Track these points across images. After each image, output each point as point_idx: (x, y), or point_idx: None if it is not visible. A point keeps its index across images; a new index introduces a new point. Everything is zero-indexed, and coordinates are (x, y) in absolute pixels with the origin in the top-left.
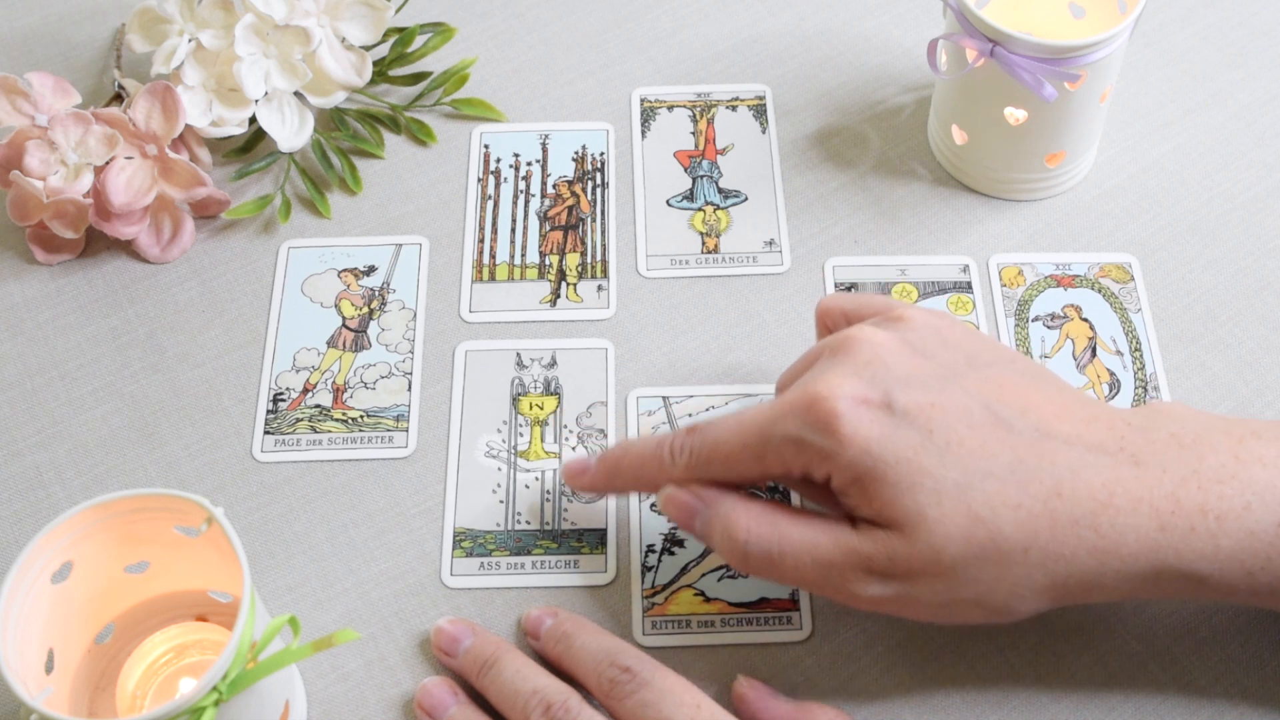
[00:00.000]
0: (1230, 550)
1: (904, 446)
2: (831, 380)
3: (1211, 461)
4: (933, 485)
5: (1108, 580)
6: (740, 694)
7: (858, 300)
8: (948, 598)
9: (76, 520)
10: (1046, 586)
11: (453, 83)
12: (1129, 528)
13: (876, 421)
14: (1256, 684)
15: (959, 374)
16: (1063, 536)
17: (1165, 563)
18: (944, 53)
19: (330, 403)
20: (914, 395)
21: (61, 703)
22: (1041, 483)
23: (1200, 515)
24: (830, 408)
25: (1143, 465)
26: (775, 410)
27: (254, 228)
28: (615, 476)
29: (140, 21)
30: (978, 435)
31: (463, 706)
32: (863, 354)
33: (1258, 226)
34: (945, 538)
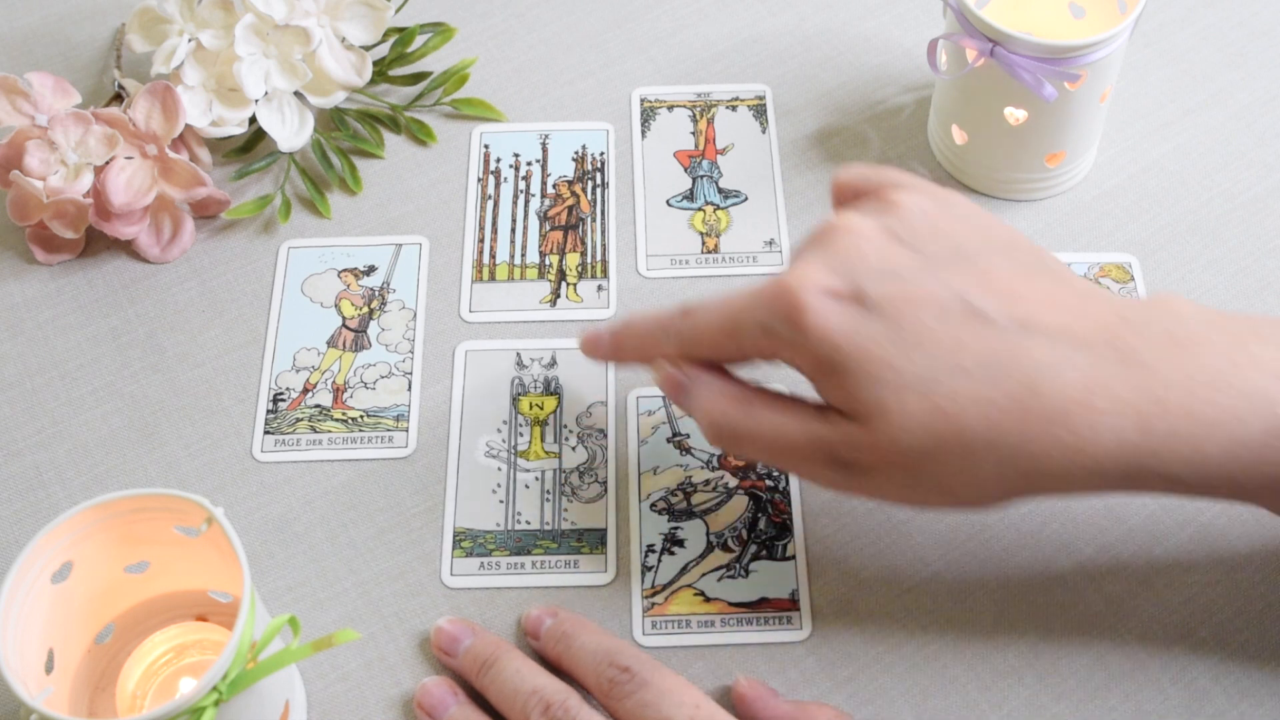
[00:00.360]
0: (1215, 457)
1: (868, 338)
2: (802, 270)
3: (1205, 363)
4: (895, 378)
5: (1078, 476)
6: (740, 694)
7: (867, 174)
8: (908, 486)
9: (76, 520)
10: (1012, 478)
11: (453, 83)
12: (1106, 428)
13: (842, 313)
14: (1256, 684)
15: (941, 265)
16: (1033, 434)
17: (1143, 465)
18: (944, 53)
19: (330, 403)
20: (886, 286)
21: (61, 703)
22: (1015, 379)
23: (1186, 420)
24: (796, 298)
25: (1129, 364)
26: (750, 297)
27: (254, 228)
28: (621, 349)
29: (140, 21)
30: (949, 329)
31: (462, 706)
32: (840, 243)
33: (1258, 226)
34: (904, 430)
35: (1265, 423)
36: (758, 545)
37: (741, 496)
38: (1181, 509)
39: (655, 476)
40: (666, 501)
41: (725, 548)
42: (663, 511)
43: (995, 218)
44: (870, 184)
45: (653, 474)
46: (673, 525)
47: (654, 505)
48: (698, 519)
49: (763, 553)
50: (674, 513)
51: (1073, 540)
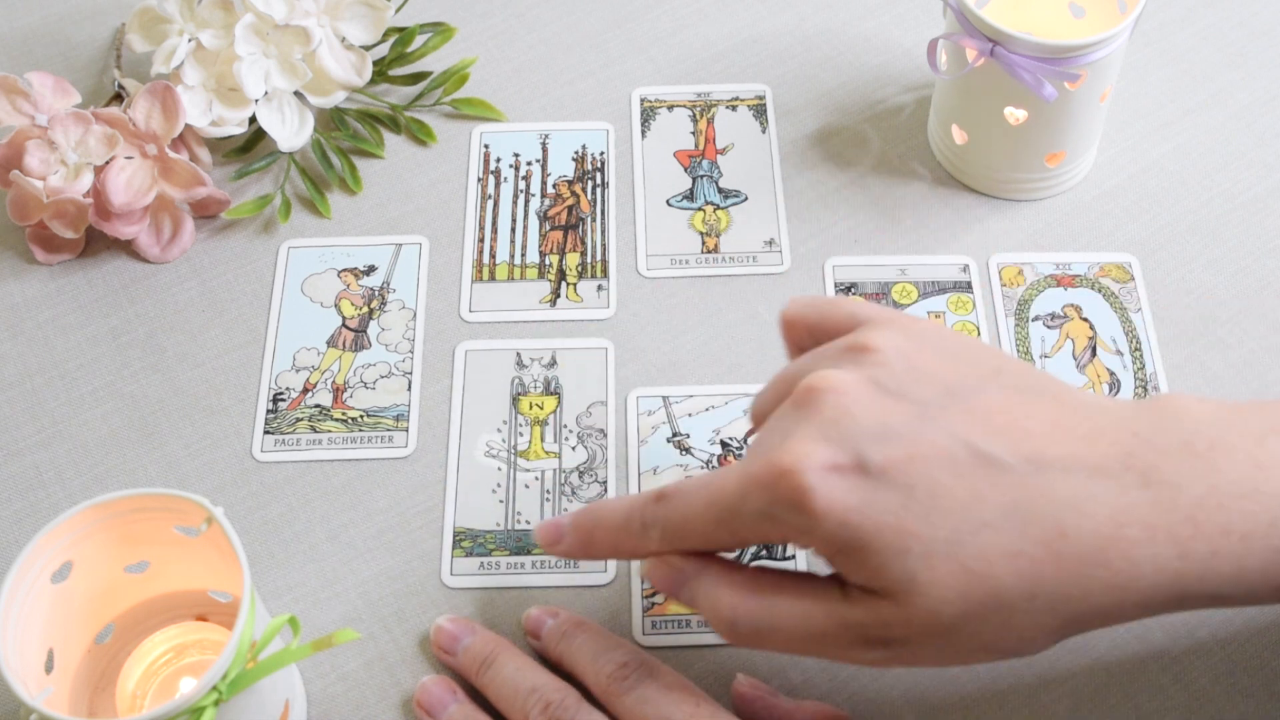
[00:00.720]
0: (1256, 568)
1: (884, 511)
2: (795, 446)
3: (1230, 473)
4: (921, 548)
5: (1127, 611)
6: (740, 693)
7: (822, 311)
8: (952, 651)
9: (76, 520)
10: (1057, 626)
11: (453, 82)
12: (1145, 559)
13: (851, 489)
14: (1256, 684)
15: (937, 411)
16: (1071, 578)
17: (1188, 589)
18: (944, 52)
19: (330, 402)
20: (889, 449)
21: (61, 703)
22: (1042, 525)
23: (1223, 537)
24: (798, 482)
25: (1153, 485)
26: (742, 484)
27: (254, 227)
28: (591, 547)
29: (140, 21)
30: (964, 483)
31: (462, 705)
32: (828, 408)
33: (1258, 226)
34: (941, 600)
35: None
36: (757, 545)
37: None
38: None
39: (655, 476)
40: None
41: None
42: None
43: (974, 339)
44: (827, 321)
45: (653, 474)
46: None
47: None
48: None
49: (763, 552)
50: None
51: None
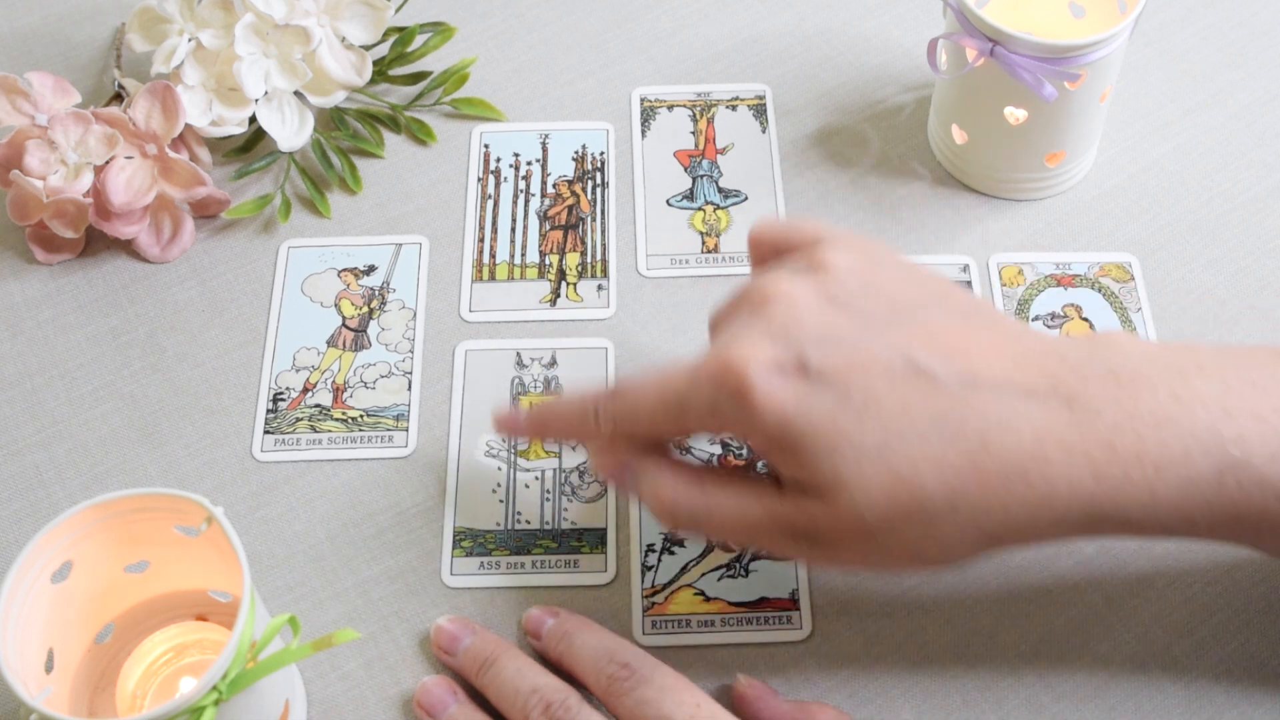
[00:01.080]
0: (1168, 498)
1: (820, 411)
2: (744, 345)
3: (1150, 403)
4: (851, 449)
5: (1041, 528)
6: (740, 693)
7: (785, 230)
8: (875, 553)
9: (76, 520)
10: (977, 537)
11: (453, 82)
12: (1061, 478)
13: (790, 387)
14: (1256, 684)
15: (880, 325)
16: (992, 490)
17: (1100, 510)
18: (944, 52)
19: (330, 402)
20: (830, 355)
21: (61, 703)
22: (967, 437)
23: (1137, 463)
24: (742, 377)
25: (1076, 409)
26: (691, 376)
27: (254, 227)
28: (544, 429)
29: (140, 21)
30: (898, 392)
31: (462, 705)
32: (776, 312)
33: (1258, 226)
34: (867, 502)
35: (1216, 461)
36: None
37: None
38: None
39: None
40: None
41: (725, 547)
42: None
43: (924, 268)
44: (790, 239)
45: None
46: None
47: None
48: None
49: (763, 552)
50: None
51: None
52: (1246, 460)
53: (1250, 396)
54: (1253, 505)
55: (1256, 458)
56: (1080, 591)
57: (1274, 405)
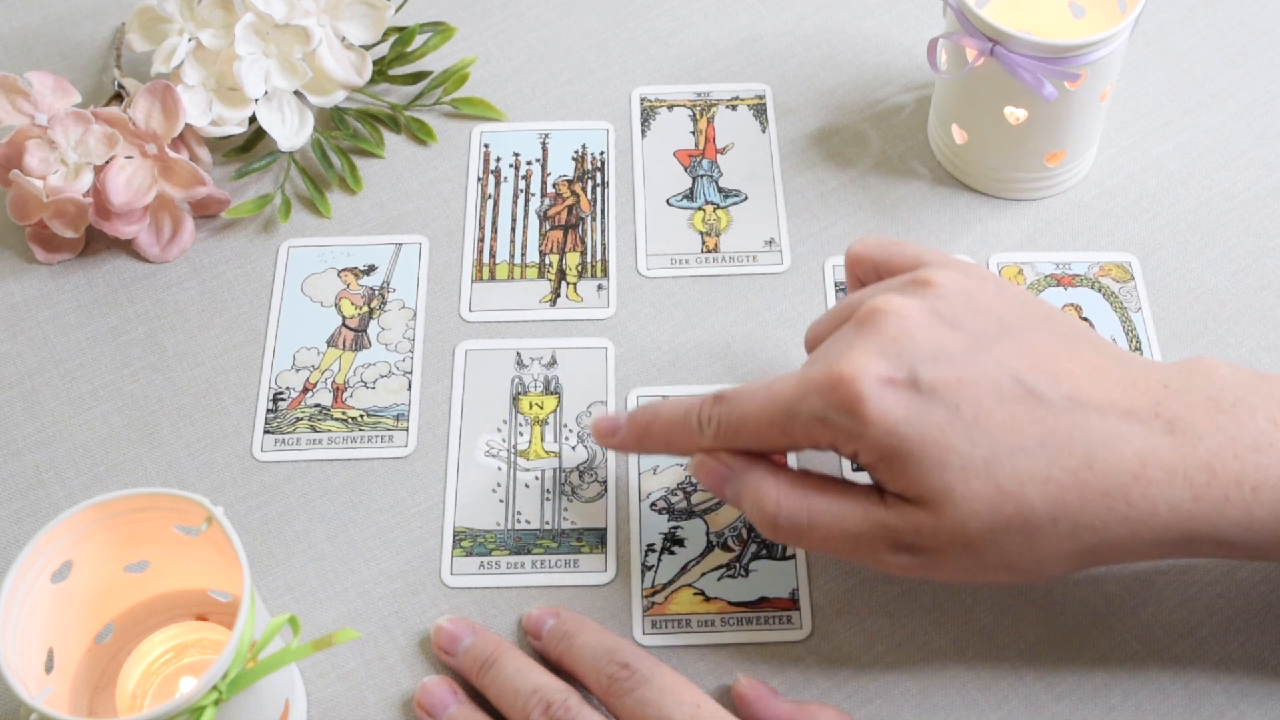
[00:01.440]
0: (1265, 520)
1: (930, 425)
2: (856, 358)
3: (1249, 428)
4: (960, 463)
5: (1139, 547)
6: (740, 693)
7: (888, 250)
8: (975, 565)
9: (76, 520)
10: (1075, 553)
11: (453, 82)
12: (1161, 499)
13: (902, 401)
14: (1256, 684)
15: (989, 343)
16: (1093, 508)
17: (1198, 531)
18: (944, 52)
19: (330, 402)
20: (941, 371)
21: (61, 702)
22: (1072, 455)
23: (1236, 486)
24: (855, 389)
25: (1177, 433)
26: (801, 387)
27: (254, 227)
28: (645, 440)
29: (140, 21)
30: (1007, 409)
31: (462, 705)
32: (889, 328)
33: (1258, 226)
34: (971, 513)
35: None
36: (758, 544)
37: None
38: None
39: (655, 476)
40: (666, 501)
41: (725, 547)
42: (663, 511)
43: (1028, 291)
44: (893, 259)
45: (653, 473)
46: (673, 525)
47: (654, 505)
48: (698, 518)
49: (763, 552)
50: (674, 512)
51: None
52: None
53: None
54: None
55: None
56: (1080, 591)
57: None
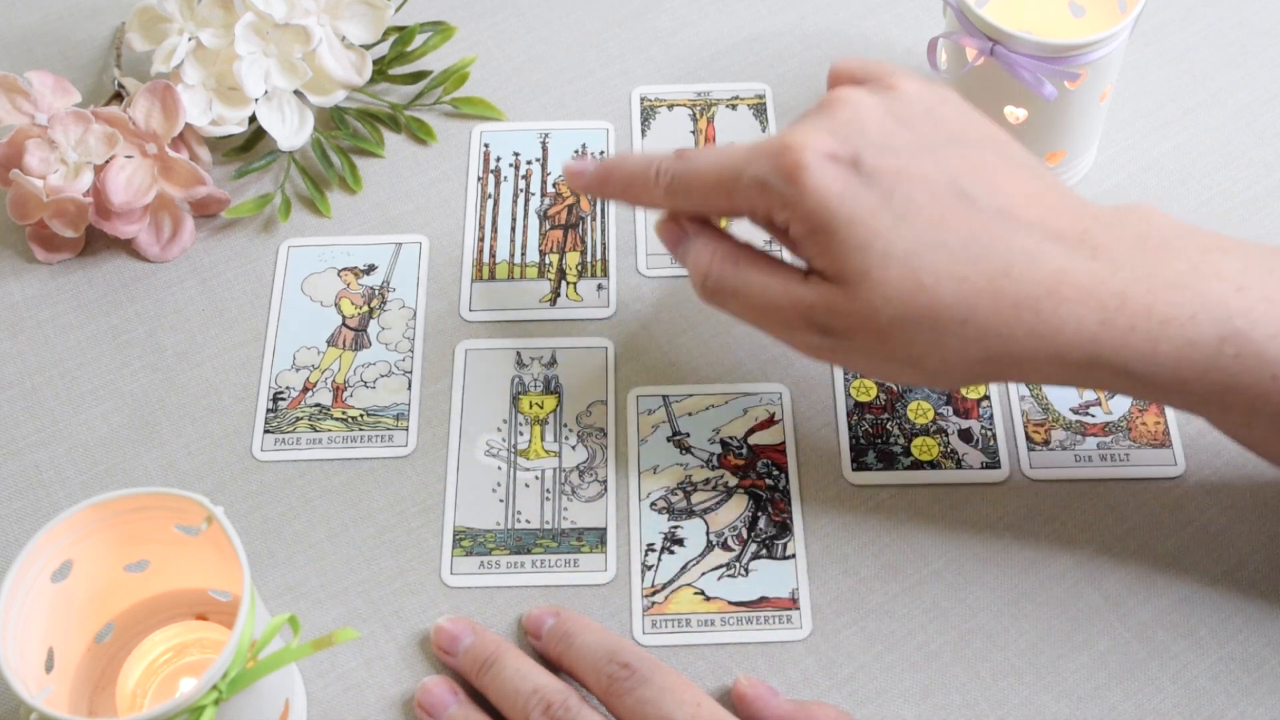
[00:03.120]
0: (1168, 355)
1: (861, 205)
2: (806, 131)
3: (1170, 267)
4: (882, 247)
5: (1041, 363)
6: (740, 693)
7: (867, 65)
8: (882, 355)
9: (76, 519)
10: (980, 359)
11: (453, 81)
12: (1070, 316)
13: (840, 176)
14: (1256, 684)
15: (935, 147)
16: (1003, 314)
17: (1100, 355)
18: (944, 52)
19: (330, 402)
20: (884, 159)
21: (61, 702)
22: (991, 260)
23: (1145, 316)
24: (797, 157)
25: (1099, 259)
26: (751, 151)
27: (254, 227)
28: (607, 183)
29: (140, 20)
30: (937, 206)
31: (462, 705)
32: (843, 113)
33: (1258, 225)
34: (884, 298)
35: (1219, 329)
36: (758, 544)
37: (741, 495)
38: (1181, 508)
39: (655, 475)
40: (666, 500)
41: (725, 547)
42: (663, 510)
43: (990, 119)
44: (869, 72)
45: (653, 473)
46: (673, 524)
47: (654, 504)
48: (698, 518)
49: (763, 552)
50: (674, 512)
51: (1073, 539)
52: (1249, 333)
53: (1265, 280)
54: (1245, 378)
55: (1259, 333)
56: (1080, 590)
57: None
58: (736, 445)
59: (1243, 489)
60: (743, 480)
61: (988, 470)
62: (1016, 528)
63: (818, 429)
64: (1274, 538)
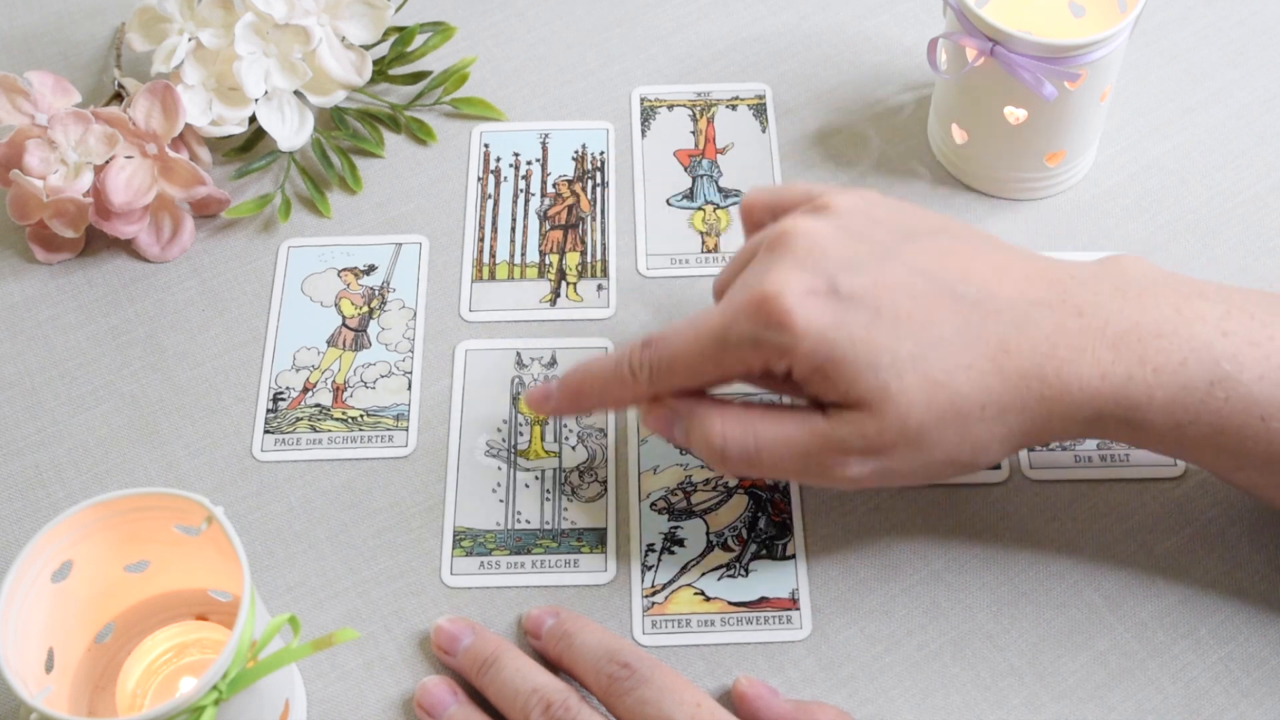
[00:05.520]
0: (1163, 402)
1: (856, 328)
2: (775, 276)
3: (1154, 315)
4: (890, 360)
5: (1057, 425)
6: (740, 693)
7: (779, 192)
8: (922, 462)
9: (76, 519)
10: (1005, 436)
11: (452, 82)
12: (1073, 376)
13: (826, 309)
14: (1256, 684)
15: (895, 249)
16: (1013, 390)
17: (1104, 409)
18: (944, 52)
19: (330, 402)
20: (857, 278)
21: (61, 702)
22: (988, 342)
23: (1139, 365)
24: (781, 304)
25: (1085, 316)
26: (727, 314)
27: (254, 227)
28: (580, 400)
29: (140, 20)
30: (923, 305)
31: (462, 705)
32: (799, 245)
33: (1258, 225)
34: (909, 407)
35: (1209, 373)
36: (758, 544)
37: (741, 496)
38: (1181, 508)
39: (655, 476)
40: (666, 501)
41: (725, 547)
42: (663, 511)
43: (921, 207)
44: (784, 199)
45: (653, 473)
46: (673, 524)
47: (654, 504)
48: (698, 518)
49: (763, 552)
50: (674, 512)
51: (1073, 540)
52: (1237, 376)
53: (1247, 324)
54: (1235, 420)
55: (1246, 375)
56: (1080, 590)
57: (1269, 335)
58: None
59: None
60: (743, 481)
61: (987, 470)
62: (1016, 528)
63: None
64: (1274, 538)
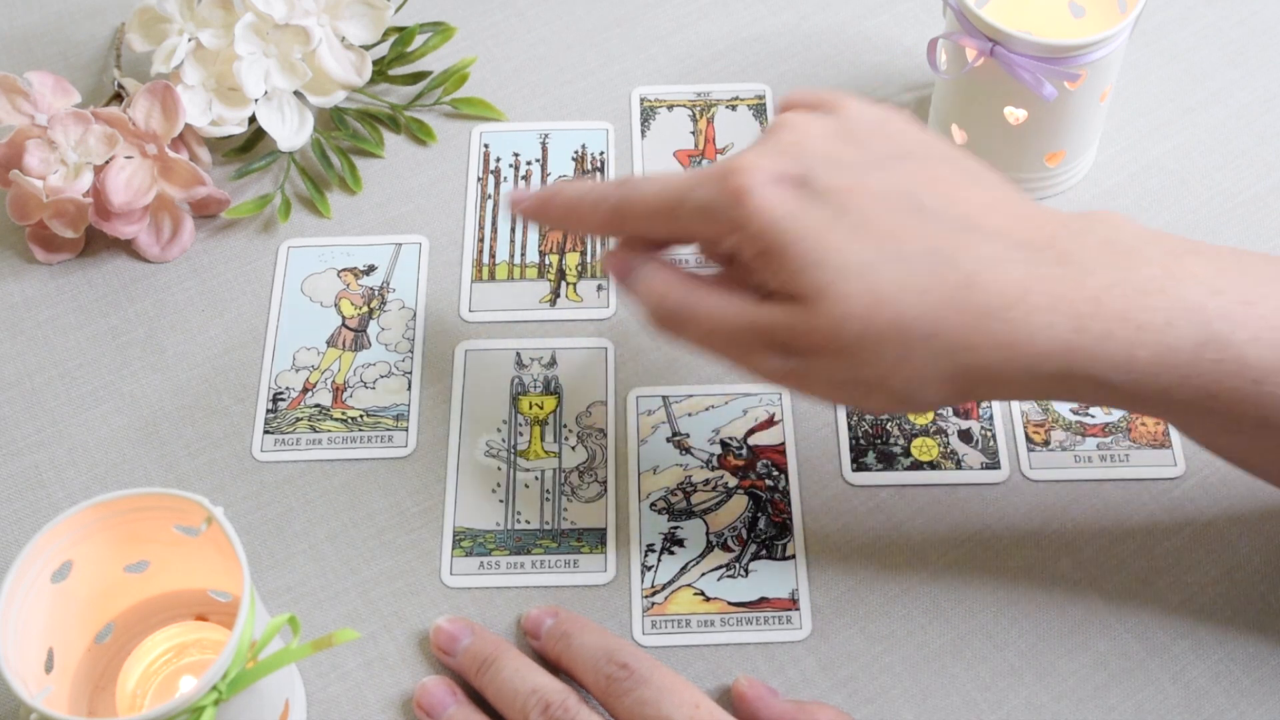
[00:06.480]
0: (1146, 362)
1: (813, 222)
2: (750, 155)
3: (1143, 272)
4: (838, 261)
5: (1013, 375)
6: (740, 693)
7: (818, 94)
8: (847, 376)
9: (76, 519)
10: (950, 375)
11: (452, 82)
12: (1041, 324)
13: (788, 197)
14: (1256, 684)
15: (887, 162)
16: (970, 326)
17: (1076, 366)
18: (944, 52)
19: (330, 402)
20: (835, 177)
21: (61, 702)
22: (955, 270)
23: (1120, 322)
24: (742, 180)
25: (1068, 265)
26: (695, 178)
27: (254, 227)
28: (548, 210)
29: (140, 20)
30: (894, 219)
31: (461, 706)
32: (786, 135)
33: (1258, 225)
34: (846, 314)
35: (1197, 333)
36: (757, 545)
37: (741, 496)
38: (1182, 509)
39: (655, 476)
40: (666, 501)
41: (725, 547)
42: (662, 511)
43: (943, 137)
44: (819, 99)
45: (653, 473)
46: (672, 525)
47: (654, 505)
48: (697, 518)
49: (763, 552)
50: (674, 512)
51: (1073, 540)
52: (1229, 336)
53: (1240, 282)
54: (1227, 383)
55: (1238, 336)
56: (1080, 591)
57: (1263, 294)
58: (736, 446)
59: (1243, 489)
60: (742, 481)
61: (987, 471)
62: (1016, 528)
63: (817, 429)
64: (1274, 538)
